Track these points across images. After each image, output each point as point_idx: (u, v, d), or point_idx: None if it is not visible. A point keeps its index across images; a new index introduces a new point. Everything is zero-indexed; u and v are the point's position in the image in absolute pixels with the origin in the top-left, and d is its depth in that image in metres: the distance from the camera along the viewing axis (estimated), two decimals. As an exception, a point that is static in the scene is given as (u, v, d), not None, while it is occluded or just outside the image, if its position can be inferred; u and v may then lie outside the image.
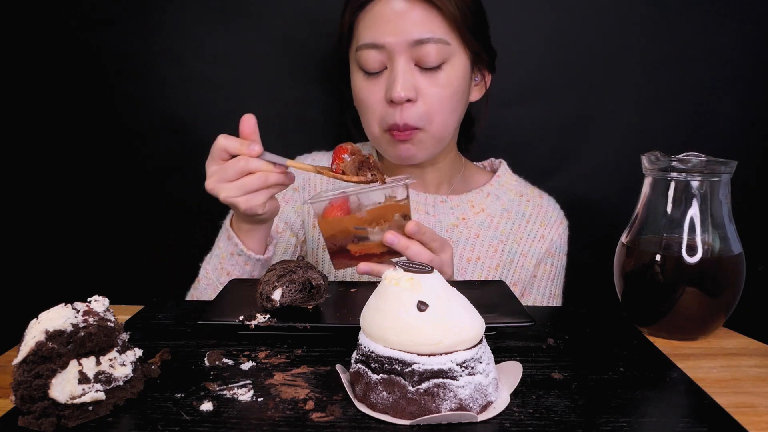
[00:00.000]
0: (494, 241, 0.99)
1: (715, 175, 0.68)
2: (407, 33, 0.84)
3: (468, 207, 1.01)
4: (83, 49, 1.11)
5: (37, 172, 1.17)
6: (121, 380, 0.50)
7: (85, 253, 1.20)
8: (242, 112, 1.13)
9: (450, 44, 0.86)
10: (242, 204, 0.74)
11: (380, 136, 0.92)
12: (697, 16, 1.09)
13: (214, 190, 0.75)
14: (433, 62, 0.86)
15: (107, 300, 0.52)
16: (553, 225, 1.02)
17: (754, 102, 1.11)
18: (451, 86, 0.88)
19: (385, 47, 0.86)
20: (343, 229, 0.76)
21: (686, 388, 0.55)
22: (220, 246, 0.86)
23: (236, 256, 0.84)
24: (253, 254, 0.83)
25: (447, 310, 0.49)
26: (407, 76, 0.85)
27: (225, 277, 0.84)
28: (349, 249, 0.77)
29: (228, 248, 0.84)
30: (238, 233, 0.83)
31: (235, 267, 0.84)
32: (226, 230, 0.85)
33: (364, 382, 0.50)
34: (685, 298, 0.68)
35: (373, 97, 0.89)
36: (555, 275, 1.02)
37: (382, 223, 0.75)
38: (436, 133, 0.90)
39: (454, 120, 0.91)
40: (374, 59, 0.87)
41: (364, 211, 0.75)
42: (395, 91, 0.85)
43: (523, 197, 1.04)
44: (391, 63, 0.87)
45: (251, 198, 0.74)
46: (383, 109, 0.89)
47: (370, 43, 0.87)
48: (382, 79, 0.88)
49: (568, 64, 1.12)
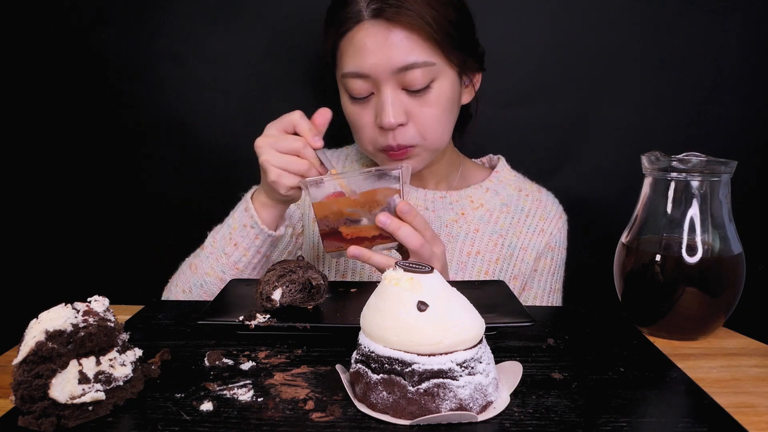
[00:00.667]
0: (494, 236, 1.00)
1: (715, 175, 0.68)
2: (391, 60, 0.82)
3: (467, 202, 1.01)
4: (83, 49, 1.11)
5: (38, 172, 1.17)
6: (121, 380, 0.50)
7: (85, 253, 1.20)
8: (242, 112, 1.14)
9: (435, 64, 0.84)
10: (273, 175, 0.76)
11: (375, 154, 0.93)
12: (697, 16, 1.09)
13: (261, 149, 0.77)
14: (420, 85, 0.84)
15: (107, 300, 0.52)
16: (553, 219, 1.02)
17: (754, 102, 1.12)
18: (441, 103, 0.87)
19: (370, 76, 0.84)
20: (336, 210, 0.75)
21: (686, 388, 0.55)
22: (234, 217, 0.86)
23: (249, 228, 0.84)
24: (266, 228, 0.84)
25: (447, 310, 0.49)
26: (396, 102, 0.85)
27: (231, 247, 0.84)
28: (341, 231, 0.76)
29: (242, 219, 0.84)
30: (256, 206, 0.84)
31: (245, 239, 0.84)
32: (245, 202, 0.86)
33: (364, 382, 0.50)
34: (685, 298, 0.68)
35: (363, 121, 0.89)
36: (555, 269, 1.03)
37: (375, 206, 0.75)
38: (431, 146, 0.90)
39: (447, 131, 0.92)
40: (360, 87, 0.86)
41: (357, 193, 0.75)
42: (385, 119, 0.84)
43: (522, 192, 1.04)
44: (377, 90, 0.86)
45: (284, 176, 0.76)
46: (375, 133, 0.88)
47: (354, 72, 0.85)
48: (370, 105, 0.88)
49: (568, 64, 1.12)
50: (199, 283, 0.86)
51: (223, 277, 0.84)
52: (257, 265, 0.86)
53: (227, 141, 1.15)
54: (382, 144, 0.88)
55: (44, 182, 1.17)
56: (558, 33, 1.11)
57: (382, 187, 0.75)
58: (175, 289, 0.89)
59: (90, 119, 1.15)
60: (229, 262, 0.84)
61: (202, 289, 0.85)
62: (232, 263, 0.84)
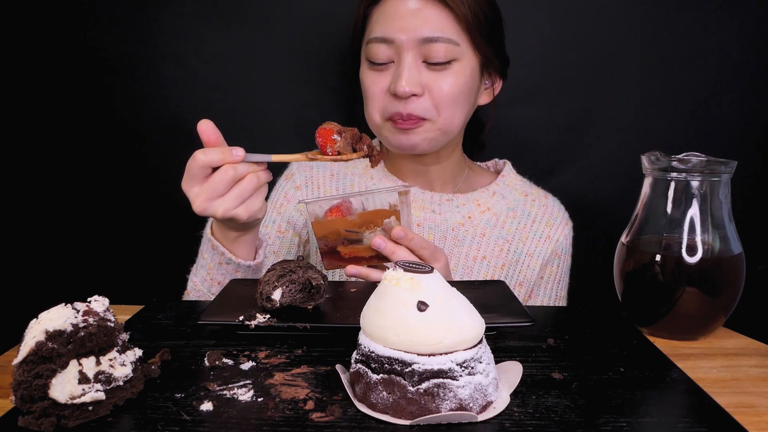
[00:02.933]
0: (500, 241, 0.99)
1: (715, 175, 0.68)
2: (417, 30, 0.85)
3: (474, 206, 1.01)
4: (83, 49, 1.11)
5: (37, 172, 1.17)
6: (121, 380, 0.50)
7: (85, 253, 1.20)
8: (242, 112, 1.14)
9: (459, 45, 0.87)
10: (243, 214, 0.71)
11: (381, 125, 0.92)
12: (697, 16, 1.09)
13: (208, 210, 0.70)
14: (441, 59, 0.86)
15: (107, 300, 0.52)
16: (559, 225, 1.02)
17: (754, 102, 1.12)
18: (458, 84, 0.88)
19: (395, 42, 0.87)
20: (334, 230, 0.76)
21: (686, 388, 0.55)
22: (204, 257, 0.83)
23: (225, 265, 0.81)
24: (243, 261, 0.81)
25: (447, 310, 0.48)
26: (413, 71, 0.86)
27: (216, 287, 0.82)
28: (339, 251, 0.78)
29: (215, 258, 0.81)
30: (223, 242, 0.80)
31: (226, 276, 0.82)
32: (208, 240, 0.81)
33: (364, 382, 0.50)
34: (685, 298, 0.68)
35: (377, 87, 0.90)
36: (561, 277, 1.03)
37: (372, 227, 0.76)
38: (442, 126, 0.90)
39: (460, 116, 0.91)
40: (383, 52, 0.88)
41: (355, 214, 0.76)
42: (400, 85, 0.85)
43: (528, 197, 1.04)
44: (398, 58, 0.88)
45: (250, 204, 0.71)
46: (386, 100, 0.89)
47: (380, 37, 0.88)
48: (388, 72, 0.89)
49: (568, 64, 1.12)
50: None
51: None
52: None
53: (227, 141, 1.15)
54: (390, 111, 0.88)
55: (44, 182, 1.17)
56: (558, 33, 1.11)
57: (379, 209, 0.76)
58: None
59: (90, 119, 1.15)
60: None
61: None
62: None
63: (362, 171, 1.03)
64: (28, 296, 1.15)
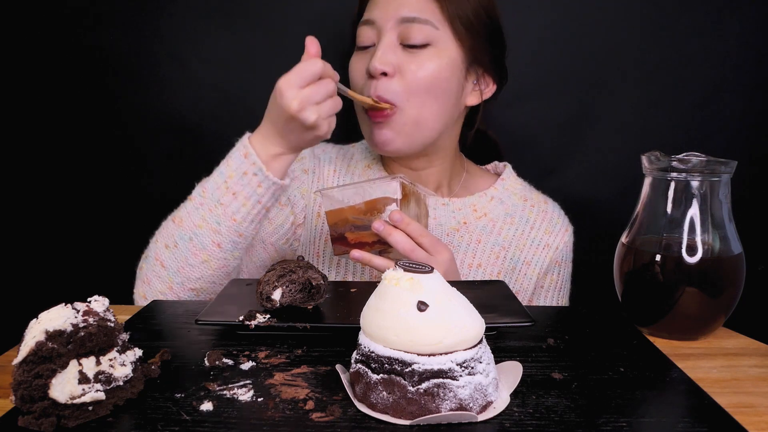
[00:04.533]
0: (496, 248, 0.97)
1: (715, 175, 0.68)
2: (397, 10, 0.87)
3: (470, 211, 0.99)
4: (83, 49, 1.11)
5: (37, 172, 1.17)
6: (121, 380, 0.50)
7: (85, 253, 1.20)
8: (242, 112, 1.14)
9: (438, 29, 0.87)
10: (325, 126, 0.77)
11: (362, 117, 0.93)
12: (698, 16, 1.09)
13: (303, 113, 0.74)
14: (416, 40, 0.86)
15: (107, 300, 0.52)
16: (558, 233, 1.00)
17: (754, 102, 1.12)
18: (431, 69, 0.87)
19: (376, 23, 0.88)
20: (343, 218, 0.83)
21: (686, 388, 0.55)
22: (229, 164, 0.80)
23: (250, 175, 0.79)
24: (271, 175, 0.79)
25: (447, 310, 0.48)
26: (387, 50, 0.87)
27: (229, 197, 0.79)
28: (347, 236, 0.84)
29: (242, 167, 0.79)
30: (262, 156, 0.80)
31: (245, 188, 0.79)
32: (243, 147, 0.80)
33: (364, 382, 0.50)
34: (685, 298, 0.68)
35: (357, 71, 0.91)
36: (562, 285, 1.01)
37: (375, 213, 0.82)
38: (411, 114, 0.88)
39: (434, 108, 0.89)
40: (366, 35, 0.90)
41: (361, 203, 0.82)
42: (372, 62, 0.86)
43: (528, 202, 1.02)
44: (378, 38, 0.89)
45: (332, 121, 0.78)
46: (363, 82, 0.90)
47: (365, 19, 0.90)
48: (368, 54, 0.90)
49: (568, 64, 1.12)
50: (188, 236, 0.80)
51: (218, 228, 0.79)
52: (255, 218, 0.81)
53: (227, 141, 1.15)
54: (366, 93, 0.89)
55: (44, 182, 1.17)
56: (558, 33, 1.11)
57: (381, 197, 0.82)
58: (155, 247, 0.83)
59: (90, 119, 1.15)
60: (226, 213, 0.79)
61: (191, 242, 0.80)
62: (229, 214, 0.79)
63: (361, 171, 1.03)
64: (28, 296, 1.14)
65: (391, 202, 0.82)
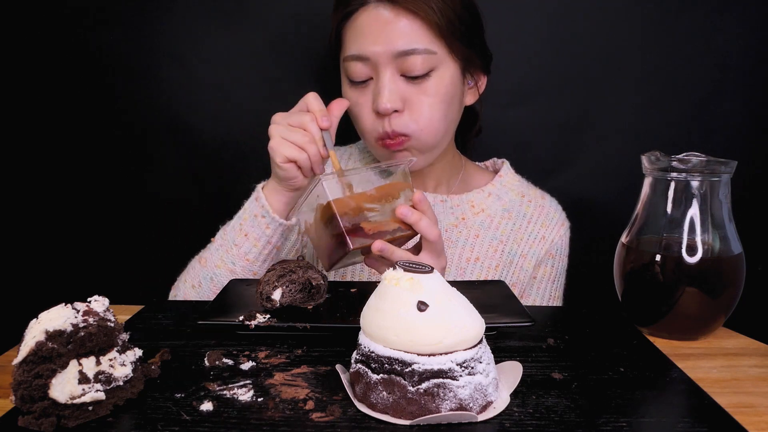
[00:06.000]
0: (494, 242, 0.99)
1: (715, 175, 0.68)
2: (392, 44, 0.83)
3: (468, 207, 1.00)
4: (83, 49, 1.11)
5: (37, 172, 1.17)
6: (121, 380, 0.50)
7: (85, 253, 1.20)
8: (242, 112, 1.14)
9: (436, 53, 0.85)
10: (274, 142, 0.77)
11: (374, 146, 0.92)
12: (697, 16, 1.09)
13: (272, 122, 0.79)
14: (419, 71, 0.84)
15: (107, 300, 0.52)
16: (555, 226, 1.01)
17: (754, 102, 1.11)
18: (439, 94, 0.87)
19: (371, 59, 0.85)
20: (355, 207, 0.75)
21: (686, 388, 0.55)
22: (245, 207, 0.86)
23: (259, 218, 0.83)
24: (277, 216, 0.83)
25: (447, 310, 0.49)
26: (392, 87, 0.85)
27: (242, 238, 0.84)
28: (363, 227, 0.76)
29: (253, 209, 0.84)
30: (266, 194, 0.84)
31: (255, 229, 0.84)
32: (256, 192, 0.86)
33: (364, 382, 0.50)
34: (685, 298, 0.68)
35: (361, 107, 0.89)
36: (555, 277, 1.02)
37: (390, 199, 0.77)
38: (427, 141, 0.89)
39: (444, 126, 0.90)
40: (360, 70, 0.86)
41: (372, 189, 0.76)
42: (381, 103, 0.84)
43: (525, 197, 1.03)
44: (376, 74, 0.86)
45: (284, 144, 0.77)
46: (372, 120, 0.88)
47: (355, 54, 0.86)
48: (368, 89, 0.88)
49: (567, 64, 1.12)
50: (209, 276, 0.85)
51: (234, 269, 0.84)
52: (267, 257, 0.85)
53: (228, 141, 1.15)
54: (379, 131, 0.88)
55: (44, 182, 1.17)
56: (558, 33, 1.11)
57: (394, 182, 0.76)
58: (183, 286, 0.88)
59: (90, 119, 1.15)
60: (239, 253, 0.84)
61: (212, 282, 0.85)
62: (242, 254, 0.84)
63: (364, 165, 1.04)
64: (28, 296, 1.14)
65: (406, 186, 0.77)
